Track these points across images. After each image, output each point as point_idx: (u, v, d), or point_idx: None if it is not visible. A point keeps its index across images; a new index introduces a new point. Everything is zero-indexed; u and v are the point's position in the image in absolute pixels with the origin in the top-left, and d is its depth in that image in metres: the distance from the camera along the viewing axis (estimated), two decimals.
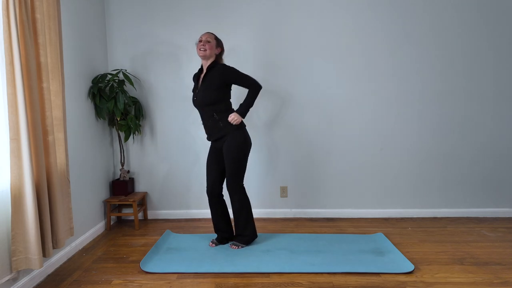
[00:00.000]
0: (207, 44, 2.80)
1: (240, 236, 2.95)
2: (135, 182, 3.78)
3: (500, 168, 3.65)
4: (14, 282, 2.23)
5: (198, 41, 2.83)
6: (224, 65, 2.82)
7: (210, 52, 2.81)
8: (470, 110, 3.61)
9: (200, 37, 2.84)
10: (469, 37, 3.55)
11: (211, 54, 2.82)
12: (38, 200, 2.26)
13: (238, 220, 2.92)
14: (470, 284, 2.31)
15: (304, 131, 3.68)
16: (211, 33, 2.90)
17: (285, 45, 3.61)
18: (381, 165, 3.68)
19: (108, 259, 2.79)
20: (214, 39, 2.85)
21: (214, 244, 2.98)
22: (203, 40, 2.81)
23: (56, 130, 2.48)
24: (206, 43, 2.80)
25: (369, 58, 3.59)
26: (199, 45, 2.82)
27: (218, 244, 2.99)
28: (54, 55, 2.44)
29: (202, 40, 2.81)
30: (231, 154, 2.81)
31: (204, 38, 2.83)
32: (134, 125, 3.48)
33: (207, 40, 2.81)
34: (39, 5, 2.28)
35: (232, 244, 2.93)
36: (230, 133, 2.82)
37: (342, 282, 2.35)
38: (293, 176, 3.73)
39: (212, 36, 2.86)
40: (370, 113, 3.64)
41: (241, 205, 2.89)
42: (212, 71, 2.80)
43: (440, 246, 2.92)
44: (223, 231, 3.01)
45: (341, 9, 3.57)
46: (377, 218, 3.69)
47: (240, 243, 2.93)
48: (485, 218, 3.63)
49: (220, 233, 3.02)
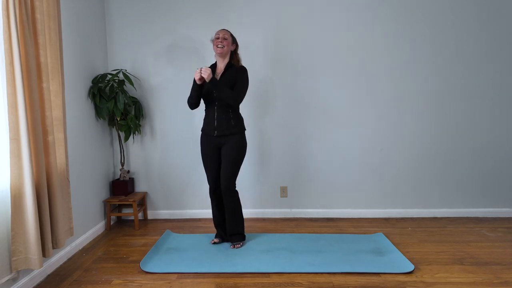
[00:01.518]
0: (224, 41, 2.79)
1: (237, 235, 2.95)
2: (135, 182, 3.78)
3: (500, 168, 3.65)
4: (14, 282, 2.23)
5: (215, 38, 2.82)
6: (245, 69, 2.86)
7: (227, 49, 2.82)
8: (470, 110, 3.61)
9: (217, 34, 2.82)
10: (469, 37, 3.55)
11: (228, 51, 2.84)
12: (38, 200, 2.25)
13: (233, 219, 2.92)
14: (470, 284, 2.31)
15: (304, 131, 3.67)
16: (226, 30, 2.88)
17: (284, 43, 3.60)
18: (381, 165, 3.68)
19: (108, 259, 2.79)
20: (230, 35, 2.84)
21: (218, 240, 3.00)
22: (220, 37, 2.80)
23: (56, 130, 2.48)
24: (223, 40, 2.79)
25: (369, 57, 3.59)
26: (216, 42, 2.80)
27: (222, 240, 3.02)
28: (54, 55, 2.44)
29: (219, 37, 2.80)
30: (235, 153, 2.82)
31: (221, 35, 2.81)
32: (134, 125, 3.48)
33: (224, 37, 2.80)
34: (39, 5, 2.28)
35: (235, 245, 2.92)
36: (237, 134, 2.83)
37: (342, 282, 2.35)
38: (293, 176, 3.73)
39: (228, 33, 2.84)
40: (371, 113, 3.64)
41: (236, 205, 2.92)
42: (233, 69, 2.83)
43: (440, 246, 2.92)
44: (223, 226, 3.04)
45: (341, 8, 3.56)
46: (377, 218, 3.68)
47: (240, 240, 2.95)
48: (485, 218, 3.63)
49: (220, 229, 3.04)
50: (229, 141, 2.83)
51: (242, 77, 2.83)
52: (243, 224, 2.99)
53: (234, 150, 2.82)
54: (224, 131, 2.82)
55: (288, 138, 3.69)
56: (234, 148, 2.82)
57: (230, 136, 2.83)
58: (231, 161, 2.82)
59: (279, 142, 3.69)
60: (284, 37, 3.60)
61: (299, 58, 3.61)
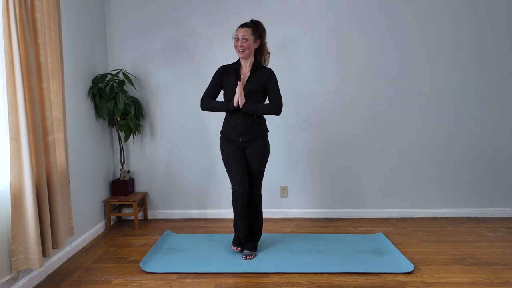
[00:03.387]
0: (245, 43, 2.57)
1: (252, 244, 2.79)
2: (135, 182, 3.78)
3: (500, 168, 3.64)
4: (14, 282, 2.23)
5: (235, 39, 2.61)
6: (272, 71, 2.69)
7: (249, 51, 2.61)
8: (471, 110, 3.61)
9: (236, 35, 2.60)
10: (471, 38, 3.55)
11: (250, 53, 2.62)
12: (38, 200, 2.25)
13: (254, 226, 2.79)
14: (470, 284, 2.31)
15: (304, 131, 3.67)
16: (248, 27, 2.60)
17: (283, 43, 3.60)
18: (381, 165, 3.68)
19: (108, 259, 2.79)
20: (251, 33, 2.58)
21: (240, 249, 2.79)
22: (240, 38, 2.57)
23: (56, 130, 2.48)
24: (243, 42, 2.56)
25: (369, 57, 3.59)
26: (236, 45, 2.60)
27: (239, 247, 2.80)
28: (54, 55, 2.44)
29: (239, 39, 2.58)
30: (262, 158, 2.71)
31: (240, 36, 2.57)
32: (134, 125, 3.48)
33: (243, 38, 2.56)
34: (39, 5, 2.28)
35: (248, 255, 2.71)
36: (262, 138, 2.71)
37: (342, 282, 2.35)
38: (293, 176, 3.73)
39: (249, 31, 2.57)
40: (370, 113, 3.64)
41: (260, 212, 2.81)
42: (260, 73, 2.65)
43: (440, 246, 2.92)
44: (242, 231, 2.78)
45: (340, 8, 3.56)
46: (377, 218, 3.68)
47: (254, 250, 2.78)
48: (485, 218, 3.62)
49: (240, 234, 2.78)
50: (254, 145, 2.68)
51: (274, 83, 2.66)
52: (260, 232, 2.85)
53: (261, 154, 2.69)
54: (249, 136, 2.65)
55: (288, 138, 3.68)
56: (260, 154, 2.69)
57: (255, 140, 2.68)
58: (258, 165, 2.70)
59: (279, 142, 3.68)
60: (283, 35, 3.59)
61: (299, 57, 3.60)
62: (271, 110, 2.65)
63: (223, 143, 2.75)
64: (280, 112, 2.68)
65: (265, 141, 2.74)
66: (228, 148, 2.71)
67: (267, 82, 2.66)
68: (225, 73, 2.71)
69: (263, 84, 2.65)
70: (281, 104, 2.67)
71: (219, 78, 2.71)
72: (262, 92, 2.68)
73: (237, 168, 2.67)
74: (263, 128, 2.73)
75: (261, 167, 2.73)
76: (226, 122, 2.73)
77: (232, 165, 2.68)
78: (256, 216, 2.79)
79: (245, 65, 2.69)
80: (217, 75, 2.73)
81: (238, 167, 2.67)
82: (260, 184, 2.78)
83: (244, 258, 2.70)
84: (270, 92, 2.67)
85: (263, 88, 2.66)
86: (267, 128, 2.78)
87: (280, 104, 2.66)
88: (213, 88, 2.73)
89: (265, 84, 2.65)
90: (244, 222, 2.73)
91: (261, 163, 2.72)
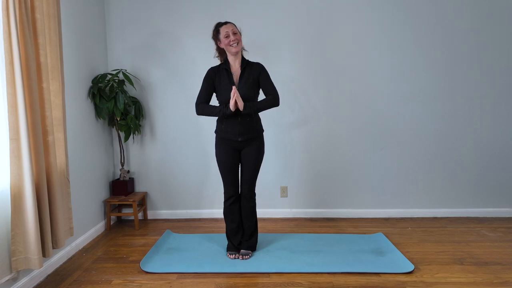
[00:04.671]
0: (236, 36, 2.57)
1: (249, 243, 2.79)
2: (135, 182, 3.78)
3: (500, 168, 3.64)
4: (14, 282, 2.23)
5: (224, 37, 2.57)
6: (262, 65, 2.71)
7: (241, 44, 2.61)
8: (470, 110, 3.61)
9: (226, 32, 2.57)
10: (469, 37, 3.55)
11: (241, 47, 2.63)
12: (38, 200, 2.26)
13: (249, 226, 2.78)
14: (470, 284, 2.31)
15: (303, 131, 3.67)
16: (230, 23, 2.64)
17: (282, 42, 3.60)
18: (381, 165, 3.68)
19: (108, 259, 2.79)
20: (236, 28, 2.61)
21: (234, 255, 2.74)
22: (230, 33, 2.56)
23: (56, 130, 2.48)
24: (235, 35, 2.56)
25: (369, 57, 3.59)
26: (228, 41, 2.56)
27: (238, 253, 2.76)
28: (54, 55, 2.44)
29: (229, 34, 2.56)
30: (259, 156, 2.72)
31: (231, 30, 2.57)
32: (134, 125, 3.48)
33: (234, 32, 2.57)
34: (39, 5, 2.28)
35: (244, 255, 2.72)
36: (259, 137, 2.73)
37: (342, 282, 2.35)
38: (293, 176, 3.73)
39: (234, 26, 2.61)
40: (370, 113, 3.64)
41: (254, 211, 2.80)
42: (251, 68, 2.66)
43: (440, 246, 2.92)
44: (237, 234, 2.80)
45: (338, 6, 3.56)
46: (377, 218, 3.68)
47: (252, 250, 2.80)
48: (485, 218, 3.62)
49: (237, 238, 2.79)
50: (250, 144, 2.69)
51: (266, 76, 2.67)
52: (257, 231, 2.83)
53: (257, 153, 2.70)
54: (247, 135, 2.65)
55: (288, 138, 3.68)
56: (257, 152, 2.70)
57: (252, 139, 2.69)
58: (253, 164, 2.70)
59: (279, 142, 3.69)
60: (282, 34, 3.59)
61: (299, 57, 3.61)
62: (270, 104, 2.67)
63: (219, 144, 2.74)
64: (278, 103, 2.69)
65: (262, 141, 2.77)
66: (224, 150, 2.71)
67: (260, 76, 2.68)
68: (216, 74, 2.69)
69: (256, 79, 2.68)
70: (278, 95, 2.70)
71: (211, 81, 2.69)
72: (256, 87, 2.69)
73: (230, 171, 2.72)
74: (259, 126, 2.76)
75: (257, 166, 2.76)
76: (221, 122, 2.69)
77: (226, 169, 2.72)
78: (251, 215, 2.79)
79: (235, 63, 2.67)
80: (208, 77, 2.70)
81: (232, 171, 2.73)
82: (255, 182, 2.79)
83: (241, 257, 2.71)
84: (265, 86, 2.69)
85: (257, 83, 2.69)
86: (262, 127, 2.80)
87: (276, 96, 2.69)
88: (206, 92, 2.70)
89: (258, 78, 2.68)
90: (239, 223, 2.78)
91: (257, 162, 2.75)
